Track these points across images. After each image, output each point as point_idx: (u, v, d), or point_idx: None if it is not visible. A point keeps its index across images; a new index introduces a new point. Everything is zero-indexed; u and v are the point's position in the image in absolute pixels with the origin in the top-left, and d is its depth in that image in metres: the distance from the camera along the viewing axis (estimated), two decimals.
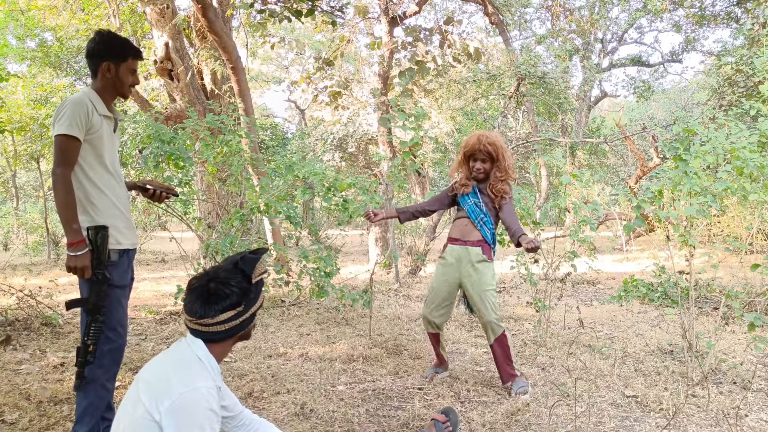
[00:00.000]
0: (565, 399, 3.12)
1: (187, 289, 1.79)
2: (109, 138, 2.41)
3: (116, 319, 2.32)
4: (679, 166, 3.41)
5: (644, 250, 11.28)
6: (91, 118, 2.31)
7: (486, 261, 3.31)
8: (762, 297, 4.80)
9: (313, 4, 5.28)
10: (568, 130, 16.21)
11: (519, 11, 13.95)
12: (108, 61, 2.37)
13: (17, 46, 13.27)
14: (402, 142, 4.73)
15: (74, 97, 2.32)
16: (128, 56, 2.38)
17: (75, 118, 2.24)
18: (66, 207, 2.22)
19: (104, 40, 2.38)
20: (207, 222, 7.46)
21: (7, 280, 7.13)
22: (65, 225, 2.22)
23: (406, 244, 10.33)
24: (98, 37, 2.38)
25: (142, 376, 1.71)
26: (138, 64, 2.45)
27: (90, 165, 2.32)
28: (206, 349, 1.74)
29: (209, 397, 1.62)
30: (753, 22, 11.29)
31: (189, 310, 1.74)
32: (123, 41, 2.40)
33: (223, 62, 7.97)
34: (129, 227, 2.44)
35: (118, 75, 2.39)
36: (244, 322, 1.78)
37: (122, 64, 2.38)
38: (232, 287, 1.74)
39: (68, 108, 2.26)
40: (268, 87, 27.13)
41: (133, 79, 2.44)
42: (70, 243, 2.21)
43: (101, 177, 2.34)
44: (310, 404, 3.03)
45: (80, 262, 2.22)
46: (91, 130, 2.31)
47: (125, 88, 2.42)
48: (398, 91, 11.31)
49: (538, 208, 9.03)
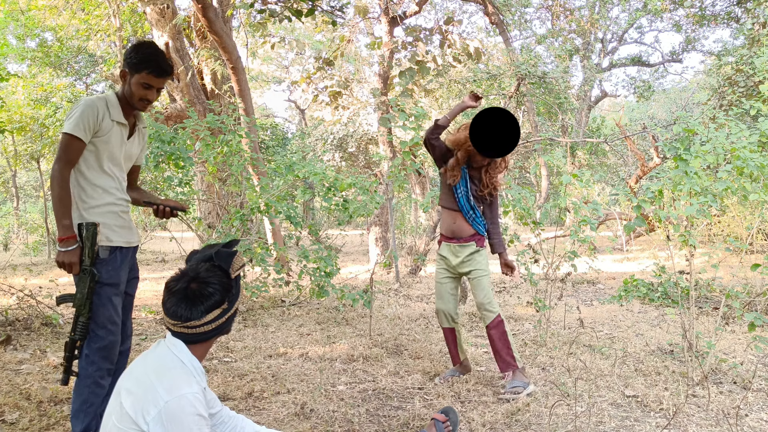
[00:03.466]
0: (565, 399, 3.12)
1: (167, 292, 1.72)
2: (118, 144, 2.42)
3: (105, 317, 2.32)
4: (680, 165, 3.40)
5: (644, 249, 11.28)
6: (101, 122, 2.34)
7: (479, 250, 3.31)
8: (762, 297, 4.80)
9: (313, 4, 5.28)
10: (569, 130, 16.20)
11: (519, 11, 13.94)
12: (126, 68, 2.39)
13: (17, 46, 13.28)
14: (402, 142, 4.73)
15: (89, 99, 2.35)
16: (143, 69, 2.35)
17: (83, 120, 2.28)
18: (60, 203, 2.28)
19: (132, 47, 2.39)
20: (207, 222, 7.47)
21: (7, 280, 7.13)
22: (57, 220, 2.28)
23: (406, 244, 10.33)
24: (131, 44, 2.41)
25: (124, 386, 1.67)
26: (158, 81, 2.40)
27: (89, 165, 2.36)
28: (188, 351, 1.71)
29: (196, 403, 1.60)
30: (753, 21, 11.28)
31: (172, 313, 1.69)
32: (146, 53, 2.37)
33: (223, 62, 7.97)
34: (124, 227, 2.44)
35: (130, 84, 2.38)
36: (228, 319, 1.76)
37: (135, 75, 2.37)
38: (214, 285, 1.70)
39: (79, 109, 2.30)
40: (268, 87, 27.14)
41: (145, 94, 2.39)
42: (60, 238, 2.26)
43: (98, 177, 2.37)
44: (311, 404, 3.03)
45: (68, 257, 2.26)
46: (98, 133, 2.34)
47: (134, 99, 2.40)
48: (398, 91, 11.31)
49: (538, 208, 9.02)
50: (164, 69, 2.39)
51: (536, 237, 4.73)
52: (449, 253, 3.37)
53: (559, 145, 13.16)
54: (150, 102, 2.43)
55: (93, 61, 14.78)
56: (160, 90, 2.45)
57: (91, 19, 11.01)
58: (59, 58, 13.11)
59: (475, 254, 3.30)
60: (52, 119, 11.50)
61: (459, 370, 3.51)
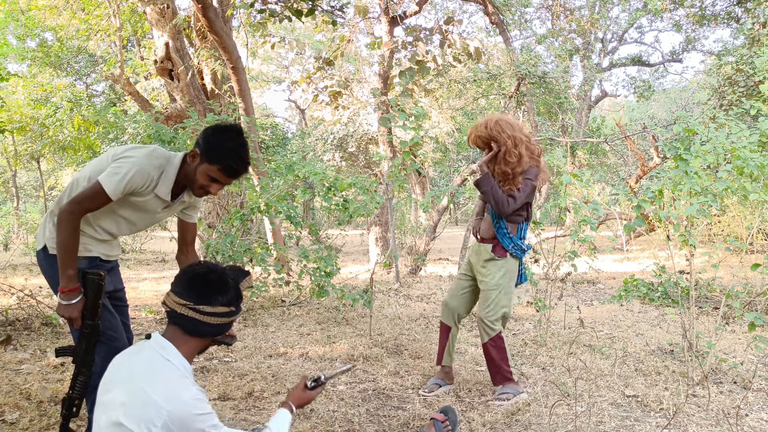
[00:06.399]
0: (565, 399, 3.12)
1: (182, 274, 1.74)
2: (147, 209, 2.25)
3: (104, 325, 2.20)
4: (680, 165, 3.40)
5: (644, 249, 11.27)
6: (142, 191, 2.15)
7: (495, 259, 3.16)
8: (762, 297, 4.80)
9: (313, 4, 5.27)
10: (569, 130, 16.20)
11: (519, 11, 13.93)
12: (199, 149, 2.16)
13: (17, 46, 13.28)
14: (402, 141, 4.73)
15: (147, 162, 2.13)
16: (216, 163, 2.13)
17: (126, 183, 2.08)
18: (65, 250, 2.07)
19: (215, 131, 2.16)
20: (207, 222, 7.46)
21: (7, 280, 7.13)
22: (60, 269, 2.08)
23: (406, 244, 10.33)
24: (214, 128, 2.17)
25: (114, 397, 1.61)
26: (228, 180, 2.18)
27: (103, 212, 2.19)
28: (177, 352, 1.68)
29: (198, 404, 1.61)
30: (753, 21, 11.28)
31: (184, 292, 1.68)
32: (226, 148, 2.13)
33: (223, 62, 7.97)
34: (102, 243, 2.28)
35: (196, 170, 2.17)
36: (228, 324, 1.78)
37: (206, 164, 2.14)
38: (232, 283, 1.78)
39: (131, 170, 2.08)
40: (268, 87, 27.13)
41: (209, 186, 2.18)
42: (62, 290, 2.08)
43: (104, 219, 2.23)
44: (311, 404, 3.03)
45: (69, 311, 2.09)
46: (130, 197, 2.16)
47: (194, 186, 2.20)
48: (398, 90, 11.31)
49: (538, 208, 9.02)
50: (239, 171, 2.17)
51: (536, 237, 4.74)
52: (473, 251, 3.34)
53: (559, 145, 13.16)
54: (210, 194, 2.23)
55: (93, 61, 14.79)
56: (224, 186, 2.24)
57: (91, 19, 11.01)
58: (59, 58, 13.11)
59: (491, 263, 3.17)
60: (52, 119, 11.51)
61: (443, 379, 3.34)
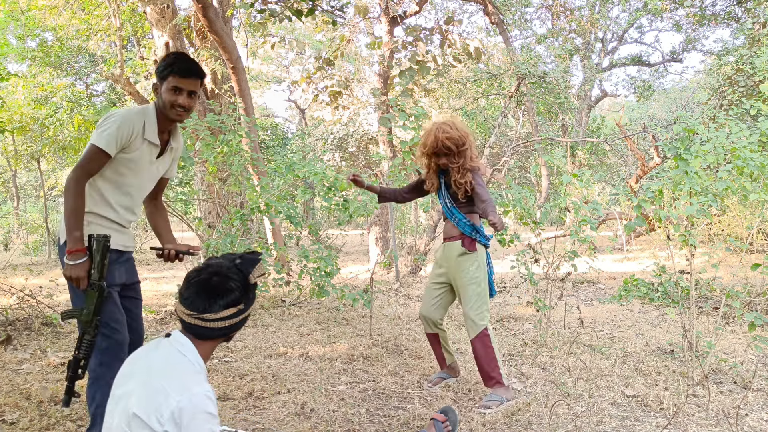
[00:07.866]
0: (565, 399, 3.12)
1: (187, 282, 1.75)
2: (144, 163, 2.34)
3: (108, 316, 2.24)
4: (680, 165, 3.40)
5: (645, 249, 11.27)
6: (132, 139, 2.25)
7: (467, 254, 3.19)
8: (762, 297, 4.80)
9: (313, 4, 5.27)
10: (569, 130, 16.20)
11: (519, 11, 13.93)
12: (156, 81, 2.31)
13: (17, 45, 13.28)
14: (402, 141, 4.73)
15: (128, 113, 2.26)
16: (168, 74, 2.26)
17: (116, 136, 2.20)
18: (72, 213, 2.17)
19: (162, 60, 2.31)
20: (207, 222, 7.46)
21: (7, 280, 7.13)
22: (67, 231, 2.17)
23: (406, 244, 10.33)
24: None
25: (130, 389, 1.64)
26: (185, 82, 2.27)
27: (105, 178, 2.28)
28: (195, 350, 1.71)
29: (207, 401, 1.61)
30: (753, 21, 11.28)
31: (190, 304, 1.71)
32: (169, 58, 2.28)
33: (223, 62, 7.97)
34: (120, 233, 2.37)
35: (161, 95, 2.29)
36: (241, 321, 1.78)
37: (163, 83, 2.28)
38: (236, 282, 1.75)
39: (115, 122, 2.20)
40: (269, 87, 27.13)
41: (176, 98, 2.28)
42: (69, 250, 2.16)
43: (112, 193, 2.30)
44: (311, 404, 3.03)
45: (76, 271, 2.16)
46: (126, 150, 2.25)
47: (167, 108, 2.30)
48: (398, 90, 11.31)
49: (538, 208, 9.03)
50: (189, 68, 2.28)
51: (536, 237, 4.74)
52: (441, 255, 3.38)
53: (559, 145, 13.16)
54: (184, 108, 2.30)
55: (93, 61, 14.78)
56: (192, 93, 2.32)
57: (91, 19, 11.01)
58: (59, 58, 13.11)
59: (463, 258, 3.20)
60: (52, 119, 11.50)
61: (448, 373, 3.47)
